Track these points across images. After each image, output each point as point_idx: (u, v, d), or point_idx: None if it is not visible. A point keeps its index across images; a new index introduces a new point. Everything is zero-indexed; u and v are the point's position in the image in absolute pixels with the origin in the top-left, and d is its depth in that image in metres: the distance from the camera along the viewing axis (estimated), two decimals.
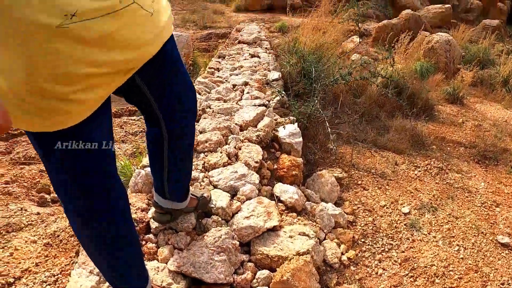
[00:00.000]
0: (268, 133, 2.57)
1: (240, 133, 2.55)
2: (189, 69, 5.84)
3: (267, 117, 2.77)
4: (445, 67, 6.99)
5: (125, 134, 3.83)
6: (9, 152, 3.78)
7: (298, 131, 2.64)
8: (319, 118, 3.06)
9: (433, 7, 12.02)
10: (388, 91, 4.20)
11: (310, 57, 4.02)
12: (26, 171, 3.16)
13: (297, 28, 7.70)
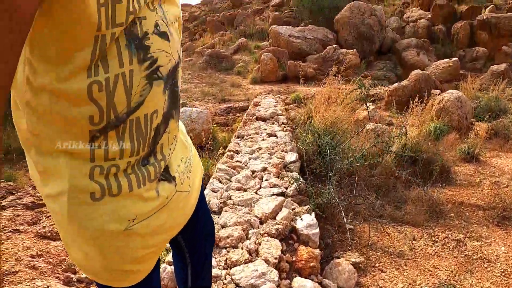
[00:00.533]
0: (287, 225, 2.75)
1: (260, 227, 2.75)
2: (209, 145, 6.15)
3: (285, 208, 2.97)
4: (458, 124, 7.15)
5: None
6: (35, 222, 3.99)
7: (315, 222, 2.81)
8: (335, 207, 3.26)
9: (441, 63, 12.37)
10: (403, 162, 4.42)
11: (325, 138, 4.27)
12: (52, 247, 3.35)
13: (312, 98, 8.08)
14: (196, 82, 12.63)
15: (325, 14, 17.39)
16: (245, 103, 9.46)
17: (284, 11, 22.28)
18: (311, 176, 3.95)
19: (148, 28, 0.78)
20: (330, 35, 15.68)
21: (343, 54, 13.00)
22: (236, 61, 15.20)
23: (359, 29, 15.18)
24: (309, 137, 4.57)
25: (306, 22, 17.98)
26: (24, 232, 3.70)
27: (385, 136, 5.84)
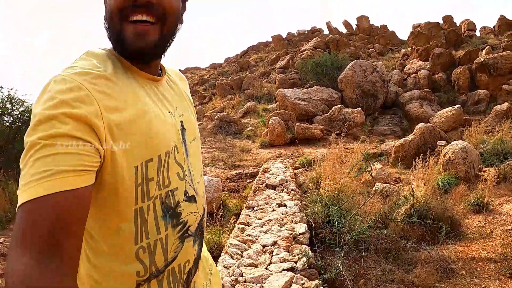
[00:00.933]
0: None
1: None
2: (220, 216, 6.30)
3: (294, 284, 3.13)
4: (466, 174, 7.28)
5: None
6: None
7: None
8: (343, 282, 3.42)
9: (444, 112, 12.64)
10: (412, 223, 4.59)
11: (333, 208, 4.48)
12: None
13: (320, 161, 8.33)
14: (206, 147, 12.95)
15: (329, 74, 18.05)
16: (254, 169, 9.71)
17: (290, 73, 23.17)
18: (321, 247, 4.13)
19: (180, 197, 0.95)
20: (335, 94, 16.23)
21: (349, 114, 13.41)
22: (245, 124, 15.66)
23: (362, 87, 15.71)
24: (318, 206, 4.77)
25: (311, 83, 18.65)
26: None
27: (393, 197, 6.02)
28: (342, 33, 32.93)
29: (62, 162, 0.69)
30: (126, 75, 0.90)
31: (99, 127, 0.76)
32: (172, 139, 0.96)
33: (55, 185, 0.68)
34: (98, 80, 0.81)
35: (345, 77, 16.13)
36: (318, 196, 5.10)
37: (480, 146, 9.11)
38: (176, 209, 0.95)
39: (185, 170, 1.00)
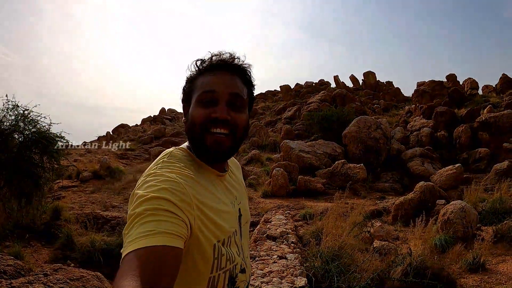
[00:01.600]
0: None
1: None
2: None
3: None
4: (464, 234, 7.42)
5: None
6: None
7: None
8: None
9: (445, 170, 12.88)
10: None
11: (332, 264, 4.70)
12: None
13: (320, 215, 8.55)
14: None
15: (334, 128, 18.50)
16: (256, 218, 9.79)
17: (295, 124, 23.67)
18: None
19: (237, 270, 1.21)
20: (339, 149, 16.61)
21: (351, 169, 13.70)
22: (248, 172, 15.81)
23: (366, 143, 16.09)
24: (318, 262, 4.98)
25: (316, 136, 19.07)
26: None
27: (391, 255, 6.19)
28: (349, 87, 33.88)
29: (164, 226, 0.91)
30: (200, 172, 1.19)
31: (190, 213, 1.01)
32: (234, 224, 1.25)
33: (161, 240, 0.88)
34: (188, 179, 1.09)
35: (349, 133, 16.55)
36: (319, 251, 5.31)
37: (479, 205, 9.26)
38: (235, 279, 1.21)
39: (239, 248, 1.27)
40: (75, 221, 8.82)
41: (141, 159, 21.35)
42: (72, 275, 5.00)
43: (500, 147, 16.23)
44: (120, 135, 31.28)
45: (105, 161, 15.49)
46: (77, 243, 7.77)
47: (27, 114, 9.05)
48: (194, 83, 1.24)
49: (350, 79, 37.39)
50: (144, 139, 27.53)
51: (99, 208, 10.56)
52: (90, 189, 13.15)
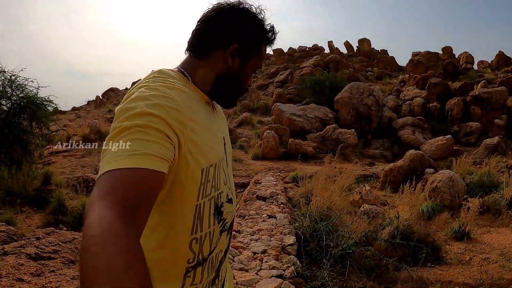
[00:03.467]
0: None
1: None
2: None
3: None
4: (451, 203, 7.51)
5: None
6: (39, 274, 4.06)
7: None
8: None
9: (435, 141, 12.94)
10: (395, 244, 4.80)
11: (321, 223, 4.69)
12: None
13: (310, 178, 8.53)
14: None
15: (326, 93, 18.35)
16: (246, 179, 9.86)
17: (287, 88, 23.44)
18: (308, 259, 4.32)
19: (223, 199, 1.16)
20: (330, 114, 16.53)
21: (342, 134, 13.70)
22: (238, 135, 15.76)
23: (357, 109, 16.03)
24: (307, 221, 4.97)
25: (308, 100, 18.93)
26: (28, 283, 3.83)
27: (378, 218, 6.23)
28: (343, 54, 33.48)
29: (152, 147, 0.83)
30: (193, 93, 1.13)
31: (182, 133, 0.95)
32: (221, 151, 1.20)
33: (144, 162, 0.80)
34: (184, 96, 1.03)
35: (341, 98, 16.45)
36: (308, 211, 5.29)
37: (467, 177, 9.37)
38: (221, 208, 1.16)
39: (226, 177, 1.22)
40: (66, 186, 8.79)
41: None
42: (64, 237, 5.01)
43: (491, 123, 16.36)
44: (110, 99, 30.94)
45: (95, 125, 15.35)
46: (68, 207, 7.74)
47: (14, 79, 8.81)
48: (259, 48, 1.23)
49: (345, 45, 36.92)
50: None
51: (90, 172, 10.50)
52: (80, 153, 13.10)
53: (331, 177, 7.76)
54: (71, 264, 4.56)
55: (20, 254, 4.37)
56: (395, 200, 8.16)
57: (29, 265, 4.18)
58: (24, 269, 4.08)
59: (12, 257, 4.29)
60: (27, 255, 4.38)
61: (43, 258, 4.45)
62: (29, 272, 4.05)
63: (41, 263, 4.34)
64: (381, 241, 5.13)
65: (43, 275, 4.10)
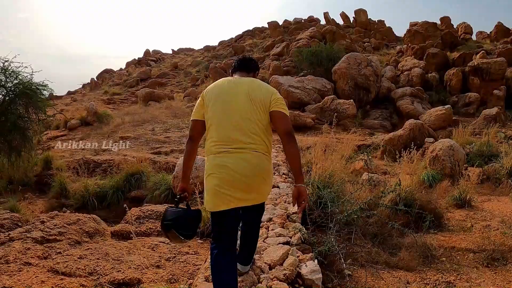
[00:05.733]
0: (293, 271, 3.09)
1: (270, 272, 3.10)
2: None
3: (291, 255, 3.32)
4: (451, 171, 7.53)
5: (159, 259, 4.22)
6: (46, 257, 4.16)
7: (317, 268, 3.15)
8: (335, 255, 3.64)
9: (434, 110, 12.88)
10: (398, 211, 4.81)
11: (325, 190, 4.67)
12: (67, 282, 3.63)
13: (310, 149, 8.51)
14: None
15: (323, 64, 18.16)
16: None
17: (284, 60, 23.16)
18: (313, 226, 4.32)
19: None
20: (328, 85, 16.39)
21: (341, 105, 13.61)
22: None
23: (356, 80, 15.89)
24: (309, 189, 4.95)
25: (305, 72, 18.74)
26: (36, 266, 3.93)
27: (380, 186, 6.24)
28: (339, 25, 32.98)
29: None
30: None
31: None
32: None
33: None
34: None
35: (339, 69, 16.28)
36: (310, 180, 5.26)
37: (467, 147, 9.37)
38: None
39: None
40: (67, 169, 8.81)
41: (128, 102, 21.07)
42: (68, 219, 5.09)
43: (490, 94, 16.29)
44: (105, 81, 30.52)
45: (92, 107, 15.25)
46: (70, 190, 7.80)
47: (7, 67, 8.70)
48: None
49: (341, 16, 36.28)
50: (129, 82, 26.95)
51: (90, 154, 10.49)
52: (79, 136, 13.04)
53: (330, 147, 7.73)
54: (77, 244, 4.62)
55: (26, 239, 4.48)
56: (395, 169, 8.15)
57: (35, 249, 4.28)
58: (31, 253, 4.18)
59: (18, 242, 4.40)
60: (33, 239, 4.48)
61: (49, 241, 4.53)
62: (36, 256, 4.14)
63: (47, 246, 4.42)
64: (384, 207, 5.12)
65: (50, 258, 4.18)
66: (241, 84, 2.57)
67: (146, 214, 5.63)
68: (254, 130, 2.44)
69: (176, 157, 9.51)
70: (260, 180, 2.48)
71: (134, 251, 4.42)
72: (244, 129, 2.44)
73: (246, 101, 2.48)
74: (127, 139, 11.81)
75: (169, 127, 13.24)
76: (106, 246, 4.60)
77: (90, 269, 3.93)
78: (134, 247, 4.53)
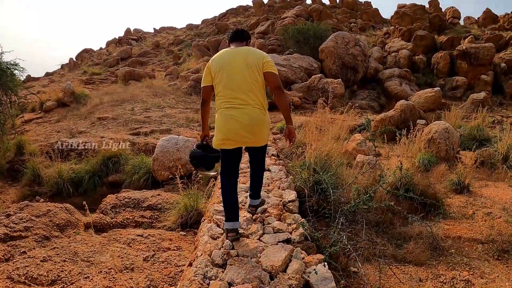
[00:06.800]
0: (300, 280, 2.56)
1: (272, 283, 2.54)
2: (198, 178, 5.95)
3: (295, 258, 2.81)
4: (446, 155, 7.18)
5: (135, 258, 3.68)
6: (7, 259, 3.72)
7: (330, 275, 2.63)
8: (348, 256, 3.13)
9: (423, 92, 12.57)
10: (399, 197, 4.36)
11: (324, 175, 4.16)
12: None
13: (299, 128, 8.05)
14: (180, 107, 12.41)
15: (310, 43, 17.60)
16: None
17: (269, 39, 22.49)
18: (314, 218, 3.81)
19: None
20: (315, 64, 15.86)
21: (329, 84, 13.12)
22: None
23: (343, 59, 15.40)
24: (304, 173, 4.47)
25: (291, 50, 18.17)
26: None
27: (377, 169, 5.81)
28: (325, 5, 32.31)
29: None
30: None
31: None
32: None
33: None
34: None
35: (326, 47, 15.75)
36: (305, 163, 4.77)
37: (458, 130, 9.08)
38: None
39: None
40: (40, 154, 8.20)
41: (107, 82, 20.15)
42: (38, 211, 4.66)
43: (478, 78, 16.16)
44: (84, 60, 29.22)
45: (69, 87, 14.39)
46: (44, 176, 7.26)
47: None
48: None
49: None
50: (109, 62, 25.90)
51: (66, 136, 9.76)
52: (55, 118, 12.27)
53: (324, 127, 7.30)
54: (45, 240, 4.05)
55: None
56: (387, 151, 7.82)
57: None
58: None
59: None
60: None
61: (13, 238, 4.06)
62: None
63: (11, 244, 3.95)
64: (386, 193, 4.69)
65: (12, 259, 3.68)
66: (238, 54, 3.25)
67: (122, 202, 5.10)
68: (251, 89, 3.15)
69: (157, 138, 8.89)
70: (257, 127, 3.17)
71: (107, 248, 3.87)
72: (243, 89, 3.15)
73: (244, 67, 3.17)
74: (105, 119, 11.06)
75: (149, 106, 12.46)
76: (76, 243, 4.07)
77: (53, 275, 3.39)
78: (108, 242, 3.99)
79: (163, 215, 4.90)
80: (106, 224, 4.33)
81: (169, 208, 5.00)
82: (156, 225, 4.67)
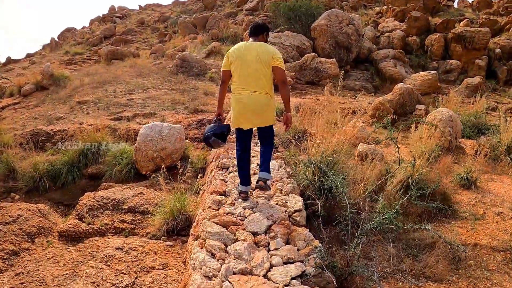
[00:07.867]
0: None
1: None
2: (186, 171, 5.46)
3: None
4: (449, 144, 6.79)
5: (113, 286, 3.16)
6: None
7: None
8: None
9: (419, 75, 12.18)
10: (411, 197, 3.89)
11: (335, 178, 3.62)
12: None
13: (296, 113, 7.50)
14: (165, 88, 11.59)
15: (302, 20, 16.93)
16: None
17: (258, 16, 21.71)
18: (321, 224, 3.25)
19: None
20: (307, 42, 15.26)
21: (322, 64, 12.57)
22: (208, 65, 14.33)
23: (336, 38, 14.82)
24: (308, 172, 3.99)
25: (282, 27, 17.48)
26: None
27: (382, 162, 5.36)
28: None
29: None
30: None
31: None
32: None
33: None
34: None
35: (319, 26, 15.13)
36: (309, 160, 4.24)
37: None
38: None
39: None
40: (14, 145, 7.41)
41: (90, 62, 19.25)
42: (7, 217, 4.08)
43: (472, 63, 15.89)
44: (67, 40, 28.07)
45: (47, 69, 13.47)
46: (19, 170, 6.61)
47: None
48: None
49: None
50: (92, 40, 24.89)
51: (43, 123, 9.00)
52: (33, 103, 11.53)
53: (315, 110, 6.82)
54: (13, 257, 3.43)
55: None
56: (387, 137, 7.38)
57: None
58: None
59: None
60: None
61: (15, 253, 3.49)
62: None
63: None
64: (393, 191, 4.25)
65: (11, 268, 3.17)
66: (252, 49, 3.79)
67: (100, 203, 4.55)
68: (260, 80, 3.75)
69: (140, 123, 8.23)
70: (264, 110, 3.78)
71: (81, 269, 3.31)
72: (253, 78, 3.75)
73: (256, 61, 3.74)
74: (85, 103, 10.26)
75: (132, 87, 11.54)
76: (47, 261, 3.48)
77: None
78: (83, 259, 3.41)
79: (147, 219, 4.37)
80: (81, 233, 3.80)
81: (153, 212, 4.48)
82: (139, 231, 4.12)
